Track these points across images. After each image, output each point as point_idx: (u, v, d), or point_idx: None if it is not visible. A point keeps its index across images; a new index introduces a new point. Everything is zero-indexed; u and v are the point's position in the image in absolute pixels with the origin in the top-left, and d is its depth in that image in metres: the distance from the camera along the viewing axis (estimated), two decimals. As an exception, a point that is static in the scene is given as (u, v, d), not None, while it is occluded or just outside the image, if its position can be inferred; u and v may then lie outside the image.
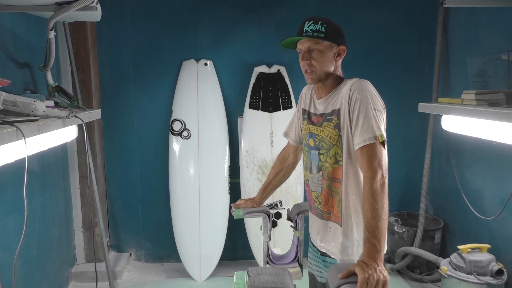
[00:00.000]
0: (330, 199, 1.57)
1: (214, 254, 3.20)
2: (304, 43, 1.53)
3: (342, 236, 1.54)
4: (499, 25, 2.56)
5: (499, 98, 2.04)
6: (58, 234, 2.86)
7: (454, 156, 3.04)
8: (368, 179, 1.37)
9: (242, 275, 1.42)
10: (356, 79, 1.51)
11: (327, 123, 1.54)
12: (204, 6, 3.23)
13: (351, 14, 3.26)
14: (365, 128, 1.41)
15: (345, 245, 1.54)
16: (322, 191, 1.59)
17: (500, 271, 2.36)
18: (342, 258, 1.55)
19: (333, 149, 1.53)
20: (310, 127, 1.63)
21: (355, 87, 1.46)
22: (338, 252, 1.57)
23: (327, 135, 1.54)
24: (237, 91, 3.32)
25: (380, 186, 1.35)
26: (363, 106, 1.42)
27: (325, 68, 1.52)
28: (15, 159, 1.59)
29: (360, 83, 1.48)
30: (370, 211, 1.32)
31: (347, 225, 1.53)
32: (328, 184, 1.57)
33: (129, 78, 3.27)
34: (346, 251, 1.54)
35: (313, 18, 1.52)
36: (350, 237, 1.53)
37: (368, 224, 1.31)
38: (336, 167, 1.53)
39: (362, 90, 1.45)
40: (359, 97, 1.43)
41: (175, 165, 3.22)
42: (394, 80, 3.34)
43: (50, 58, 2.27)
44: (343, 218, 1.54)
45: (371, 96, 1.44)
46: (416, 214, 3.30)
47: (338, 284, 1.23)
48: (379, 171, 1.37)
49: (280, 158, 1.91)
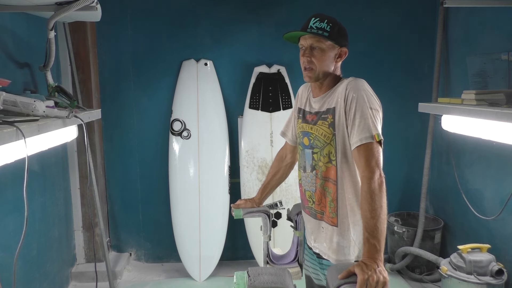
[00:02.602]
0: (323, 199, 1.56)
1: (214, 254, 3.20)
2: (307, 40, 1.51)
3: (338, 236, 1.53)
4: (499, 25, 2.56)
5: (499, 98, 2.04)
6: (58, 234, 2.86)
7: (454, 156, 3.04)
8: (366, 178, 1.36)
9: (242, 275, 1.42)
10: (352, 78, 1.50)
11: (322, 121, 1.53)
12: (204, 6, 3.23)
13: (351, 14, 3.26)
14: (361, 127, 1.40)
15: (341, 245, 1.53)
16: (316, 191, 1.58)
17: (500, 271, 2.36)
18: (338, 258, 1.54)
19: (327, 148, 1.52)
20: (304, 125, 1.62)
21: (351, 86, 1.46)
22: (332, 253, 1.55)
23: (321, 133, 1.53)
24: (237, 91, 3.32)
25: (378, 186, 1.34)
26: (359, 105, 1.42)
27: (324, 68, 1.51)
28: (15, 159, 1.59)
29: (356, 82, 1.47)
30: (369, 211, 1.31)
31: (343, 224, 1.52)
32: (321, 183, 1.56)
33: (129, 78, 3.27)
34: (343, 251, 1.53)
35: (320, 16, 1.50)
36: (347, 236, 1.52)
37: (367, 224, 1.31)
38: (329, 166, 1.52)
39: (358, 89, 1.44)
40: (355, 96, 1.43)
41: (175, 165, 3.22)
42: (394, 80, 3.34)
43: (50, 58, 2.27)
44: (339, 218, 1.52)
45: (367, 95, 1.44)
46: (416, 214, 3.30)
47: (338, 284, 1.23)
48: (377, 170, 1.36)
49: (278, 158, 1.90)
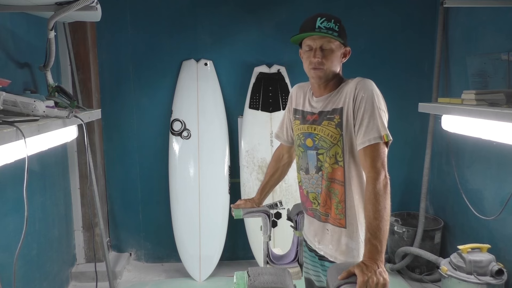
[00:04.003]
0: (329, 201, 1.54)
1: (214, 254, 3.20)
2: (316, 40, 1.48)
3: (347, 237, 1.51)
4: (499, 25, 2.56)
5: (499, 98, 2.04)
6: (58, 234, 2.86)
7: (454, 156, 3.04)
8: (371, 179, 1.35)
9: (242, 275, 1.42)
10: (360, 78, 1.49)
11: (328, 121, 1.50)
12: (204, 6, 3.23)
13: (351, 14, 3.26)
14: (370, 127, 1.39)
15: (350, 247, 1.51)
16: (322, 192, 1.55)
17: (500, 271, 2.36)
18: (346, 260, 1.51)
19: (333, 149, 1.49)
20: (305, 126, 1.59)
21: (360, 86, 1.44)
22: (339, 254, 1.53)
23: (328, 134, 1.50)
24: (237, 91, 3.32)
25: (383, 187, 1.33)
26: (369, 105, 1.40)
27: (333, 68, 1.50)
28: (15, 159, 1.59)
29: (365, 82, 1.46)
30: (373, 212, 1.30)
31: (352, 226, 1.50)
32: (327, 184, 1.53)
33: (129, 78, 3.27)
34: (352, 253, 1.51)
35: (326, 15, 1.48)
36: (356, 238, 1.50)
37: (370, 225, 1.30)
38: (335, 168, 1.50)
39: (368, 89, 1.43)
40: (365, 96, 1.41)
41: (175, 165, 3.22)
42: (394, 80, 3.34)
43: (50, 58, 2.27)
44: (347, 219, 1.51)
45: (377, 95, 1.43)
46: (416, 214, 3.30)
47: (337, 284, 1.23)
48: (382, 171, 1.35)
49: (275, 158, 1.88)
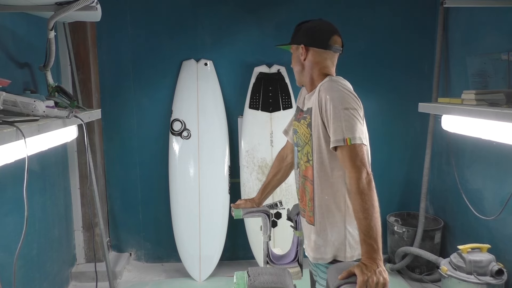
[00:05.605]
0: (304, 197, 1.57)
1: (214, 254, 3.20)
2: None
3: (315, 234, 1.52)
4: (499, 25, 2.56)
5: (499, 98, 2.04)
6: (58, 234, 2.86)
7: (454, 156, 3.04)
8: (354, 179, 1.33)
9: (242, 275, 1.42)
10: (327, 78, 1.49)
11: (303, 120, 1.55)
12: (204, 6, 3.23)
13: (351, 14, 3.26)
14: (334, 128, 1.37)
15: (318, 244, 1.52)
16: (299, 188, 1.61)
17: (500, 271, 2.36)
18: (314, 256, 1.54)
19: (306, 147, 1.53)
20: (295, 123, 1.64)
21: (323, 88, 1.44)
22: (310, 250, 1.56)
23: (302, 132, 1.55)
24: (237, 91, 3.32)
25: (367, 185, 1.31)
26: (332, 106, 1.38)
27: (297, 70, 1.59)
28: (15, 159, 1.59)
29: (329, 84, 1.45)
30: (361, 212, 1.29)
31: (320, 224, 1.51)
32: (302, 181, 1.57)
33: (129, 78, 3.27)
34: (319, 250, 1.52)
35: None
36: (323, 236, 1.50)
37: (361, 225, 1.29)
38: (307, 166, 1.53)
39: (330, 90, 1.42)
40: (329, 98, 1.40)
41: (175, 165, 3.22)
42: (394, 80, 3.34)
43: (50, 58, 2.27)
44: (316, 217, 1.51)
45: (340, 95, 1.40)
46: (416, 214, 3.30)
47: (337, 284, 1.23)
48: (363, 169, 1.33)
49: (278, 158, 1.90)
